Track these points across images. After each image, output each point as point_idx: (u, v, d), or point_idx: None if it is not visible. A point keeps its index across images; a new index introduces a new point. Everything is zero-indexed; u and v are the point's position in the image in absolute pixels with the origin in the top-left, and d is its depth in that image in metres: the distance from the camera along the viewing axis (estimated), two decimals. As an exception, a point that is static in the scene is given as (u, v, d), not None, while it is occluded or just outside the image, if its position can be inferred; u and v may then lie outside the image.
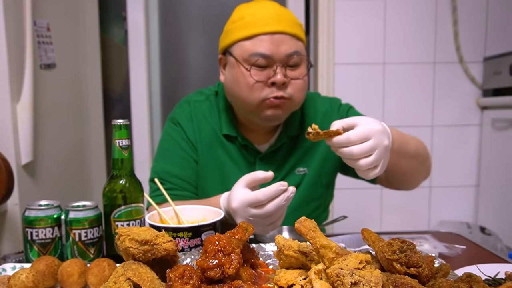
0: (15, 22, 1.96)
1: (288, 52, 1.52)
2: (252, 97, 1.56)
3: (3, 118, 1.92)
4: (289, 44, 1.53)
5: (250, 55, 1.52)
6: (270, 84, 1.53)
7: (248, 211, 1.28)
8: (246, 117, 1.68)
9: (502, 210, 2.78)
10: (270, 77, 1.52)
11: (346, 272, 0.83)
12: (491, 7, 2.98)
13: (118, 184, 1.26)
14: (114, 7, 3.35)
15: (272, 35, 1.52)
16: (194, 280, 0.87)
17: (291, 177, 1.75)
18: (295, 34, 1.55)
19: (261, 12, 1.55)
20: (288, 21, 1.56)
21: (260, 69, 1.53)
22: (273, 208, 1.26)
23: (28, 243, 1.24)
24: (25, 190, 2.02)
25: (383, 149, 1.25)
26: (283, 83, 1.52)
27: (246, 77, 1.55)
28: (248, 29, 1.54)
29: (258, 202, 1.26)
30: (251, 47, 1.53)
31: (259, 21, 1.53)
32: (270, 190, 1.25)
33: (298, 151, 1.75)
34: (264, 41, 1.52)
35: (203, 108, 1.78)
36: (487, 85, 2.97)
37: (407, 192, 3.01)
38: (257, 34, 1.52)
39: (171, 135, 1.77)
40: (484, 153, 3.01)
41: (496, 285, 1.02)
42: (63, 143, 2.55)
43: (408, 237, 1.46)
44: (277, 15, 1.54)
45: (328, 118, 1.74)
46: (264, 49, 1.51)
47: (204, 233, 1.22)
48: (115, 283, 0.86)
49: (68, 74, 2.63)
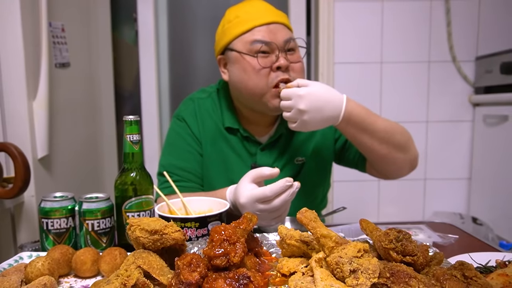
0: (32, 24, 1.96)
1: (285, 38, 1.58)
2: (261, 84, 1.59)
3: (20, 114, 1.92)
4: (284, 32, 1.60)
5: (252, 44, 1.57)
6: (275, 68, 1.57)
7: (256, 206, 1.29)
8: (253, 108, 1.68)
9: (493, 201, 2.78)
10: (274, 62, 1.57)
11: (345, 260, 0.83)
12: (482, 9, 2.97)
13: (129, 177, 1.26)
14: (125, 9, 3.35)
15: (267, 25, 1.58)
16: (201, 267, 0.87)
17: (291, 166, 1.77)
18: (286, 24, 1.63)
19: (254, 8, 1.61)
20: (279, 13, 1.64)
21: (264, 55, 1.57)
22: (280, 203, 1.28)
23: (44, 232, 1.24)
24: (41, 183, 2.02)
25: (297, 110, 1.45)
26: (286, 67, 1.57)
27: (253, 65, 1.58)
28: (245, 24, 1.59)
29: (266, 197, 1.27)
30: (251, 37, 1.57)
31: (254, 15, 1.59)
32: (277, 186, 1.26)
33: (295, 141, 1.77)
34: (261, 31, 1.57)
35: (206, 104, 1.80)
36: (478, 83, 2.97)
37: (403, 184, 3.03)
38: (254, 27, 1.58)
39: (177, 131, 1.79)
40: (476, 147, 3.00)
41: (487, 273, 1.01)
42: (77, 138, 2.55)
43: (404, 227, 1.46)
44: (269, 9, 1.63)
45: None
46: (263, 37, 1.56)
47: (211, 223, 1.22)
48: (126, 271, 0.86)
49: (81, 73, 2.63)
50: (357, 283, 0.81)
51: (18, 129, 1.92)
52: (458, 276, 0.84)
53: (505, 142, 2.64)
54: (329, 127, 1.76)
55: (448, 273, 0.84)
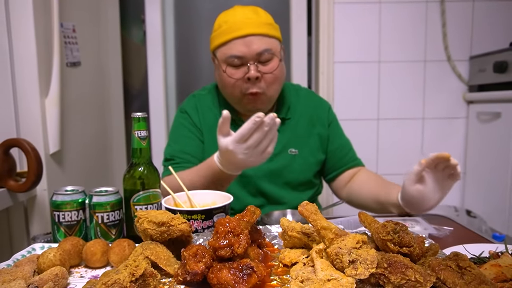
0: (44, 25, 1.96)
1: (258, 50, 1.63)
2: (234, 93, 1.71)
3: (33, 111, 1.92)
4: (259, 44, 1.63)
5: (226, 58, 1.66)
6: (246, 79, 1.64)
7: (240, 147, 1.35)
8: (236, 107, 1.80)
9: (487, 195, 2.78)
10: (246, 73, 1.63)
11: (344, 251, 0.83)
12: (476, 11, 2.97)
13: (137, 171, 1.26)
14: (134, 10, 3.34)
15: (244, 38, 1.63)
16: (206, 258, 0.87)
17: (283, 155, 1.83)
18: (265, 34, 1.65)
19: (233, 19, 1.66)
20: (258, 23, 1.65)
21: (237, 67, 1.65)
22: (259, 135, 1.33)
23: (56, 225, 1.24)
24: (52, 177, 2.02)
25: None
26: (256, 78, 1.63)
27: (226, 76, 1.68)
28: (224, 36, 1.66)
29: (244, 135, 1.33)
30: (227, 51, 1.65)
31: (232, 27, 1.65)
32: (248, 122, 1.32)
33: (287, 133, 1.83)
34: (237, 44, 1.63)
35: (206, 99, 1.90)
36: (472, 81, 2.96)
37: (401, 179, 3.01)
38: (231, 39, 1.64)
39: (180, 121, 1.88)
40: (470, 143, 3.00)
41: (480, 263, 1.01)
42: (87, 134, 2.56)
43: (401, 219, 1.46)
44: (247, 19, 1.65)
45: (318, 111, 1.90)
46: (237, 51, 1.63)
47: (216, 215, 1.22)
48: (134, 261, 0.86)
49: (92, 71, 2.63)
50: (356, 273, 0.81)
51: (31, 125, 1.92)
52: (453, 266, 0.83)
53: (498, 138, 2.63)
54: (323, 129, 1.87)
55: (443, 264, 0.84)
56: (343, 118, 2.17)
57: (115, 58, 3.11)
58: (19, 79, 1.90)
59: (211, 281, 0.85)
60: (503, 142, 2.57)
